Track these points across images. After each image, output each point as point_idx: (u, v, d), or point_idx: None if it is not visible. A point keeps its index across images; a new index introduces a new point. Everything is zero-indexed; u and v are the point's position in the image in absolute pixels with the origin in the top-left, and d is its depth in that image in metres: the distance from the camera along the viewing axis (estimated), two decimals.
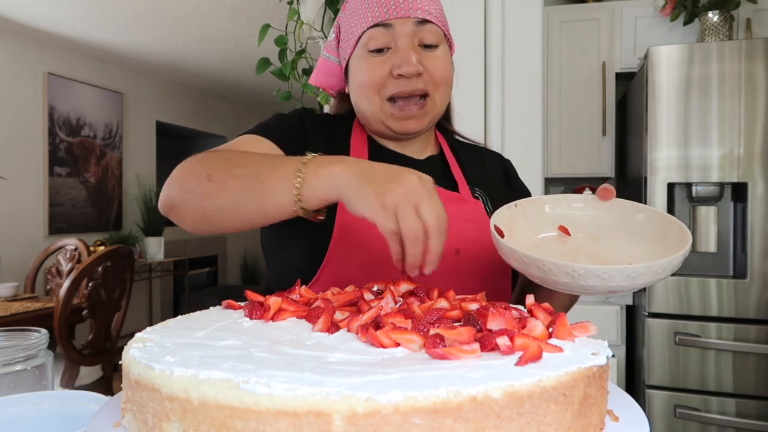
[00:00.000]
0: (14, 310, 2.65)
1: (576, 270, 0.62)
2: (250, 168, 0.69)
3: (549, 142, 2.72)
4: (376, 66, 0.85)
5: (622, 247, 0.75)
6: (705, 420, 2.13)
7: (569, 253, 0.76)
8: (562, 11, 2.71)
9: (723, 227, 2.24)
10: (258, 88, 6.08)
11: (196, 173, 0.72)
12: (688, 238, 0.68)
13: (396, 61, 0.83)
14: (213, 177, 0.70)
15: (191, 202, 0.72)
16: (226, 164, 0.71)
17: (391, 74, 0.84)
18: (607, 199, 0.79)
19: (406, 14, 0.83)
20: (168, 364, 0.41)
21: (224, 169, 0.70)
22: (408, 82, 0.83)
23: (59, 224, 4.68)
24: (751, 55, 2.09)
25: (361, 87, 0.87)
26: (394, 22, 0.83)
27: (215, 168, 0.71)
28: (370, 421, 0.35)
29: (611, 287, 0.63)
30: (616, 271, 0.62)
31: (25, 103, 4.42)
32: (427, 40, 0.85)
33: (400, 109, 0.85)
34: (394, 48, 0.84)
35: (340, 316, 0.57)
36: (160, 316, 5.79)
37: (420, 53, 0.84)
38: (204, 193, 0.70)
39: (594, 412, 0.44)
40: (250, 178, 0.68)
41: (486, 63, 2.19)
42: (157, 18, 4.06)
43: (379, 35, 0.84)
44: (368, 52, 0.85)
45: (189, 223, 0.75)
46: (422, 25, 0.84)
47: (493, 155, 1.06)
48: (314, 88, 2.24)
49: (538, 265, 0.64)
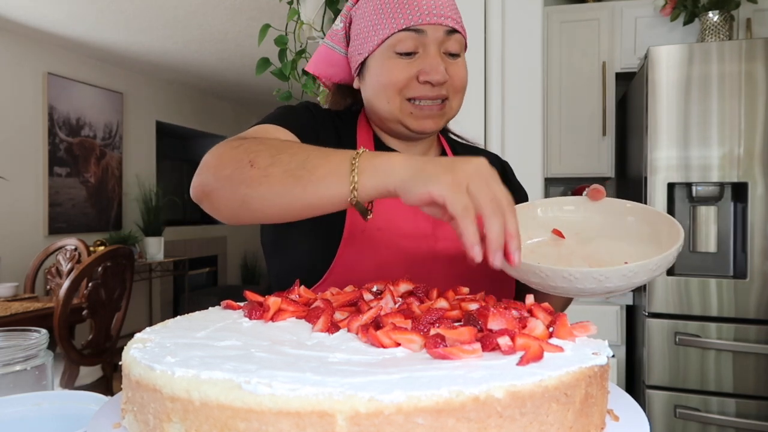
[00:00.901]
0: (14, 310, 2.65)
1: (572, 274, 0.62)
2: (297, 156, 0.66)
3: (549, 142, 2.72)
4: (402, 68, 0.85)
5: (617, 247, 0.75)
6: (705, 420, 2.13)
7: (564, 256, 0.76)
8: (562, 11, 2.71)
9: (723, 227, 2.24)
10: (258, 88, 6.08)
11: (235, 159, 0.69)
12: (680, 232, 0.68)
13: (424, 67, 0.83)
14: (255, 163, 0.67)
15: (229, 188, 0.68)
16: (270, 150, 0.68)
17: (417, 78, 0.84)
18: (597, 200, 0.79)
19: (438, 21, 0.84)
20: (169, 365, 0.41)
21: (268, 155, 0.67)
22: (432, 89, 0.84)
23: (59, 224, 4.68)
24: (751, 55, 2.09)
25: (381, 87, 0.86)
26: (426, 28, 0.84)
27: (258, 153, 0.68)
28: (373, 421, 0.35)
29: (609, 288, 0.64)
30: (612, 272, 0.62)
31: (25, 103, 4.42)
32: (452, 49, 0.86)
33: (420, 109, 0.86)
34: (422, 53, 0.84)
35: (340, 316, 0.57)
36: (160, 316, 5.79)
37: (446, 60, 0.85)
38: (245, 180, 0.67)
39: (595, 411, 0.44)
40: (297, 166, 0.65)
41: (486, 63, 2.19)
42: (157, 18, 4.06)
43: (409, 39, 0.84)
44: (395, 53, 0.85)
45: (224, 212, 0.72)
46: (450, 35, 0.85)
47: (491, 157, 1.06)
48: (314, 87, 2.24)
49: (534, 272, 0.64)
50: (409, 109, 0.86)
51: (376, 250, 0.82)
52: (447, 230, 0.85)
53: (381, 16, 0.86)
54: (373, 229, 0.82)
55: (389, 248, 0.82)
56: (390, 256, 0.82)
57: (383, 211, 0.83)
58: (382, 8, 0.86)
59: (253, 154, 0.68)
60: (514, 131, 2.18)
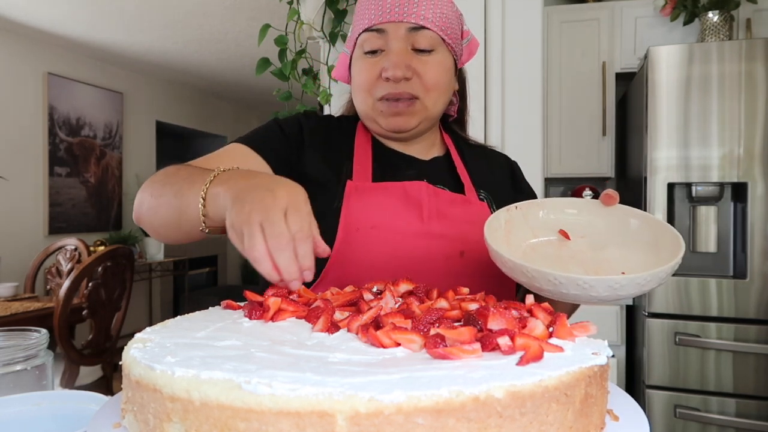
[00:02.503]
0: (14, 310, 2.65)
1: (557, 278, 0.62)
2: (177, 184, 0.72)
3: (549, 142, 2.72)
4: (368, 67, 0.87)
5: (618, 254, 0.74)
6: (705, 420, 2.13)
7: (564, 258, 0.76)
8: (562, 11, 2.72)
9: (723, 227, 2.24)
10: (258, 88, 6.09)
11: (148, 191, 0.77)
12: (681, 247, 0.67)
13: (385, 64, 0.84)
14: (153, 193, 0.75)
15: (145, 216, 0.78)
16: (164, 180, 0.75)
17: (381, 76, 0.85)
18: (610, 205, 0.78)
19: (399, 19, 0.84)
20: (169, 365, 0.41)
21: (160, 185, 0.75)
22: (395, 86, 0.85)
23: (59, 224, 4.68)
24: (751, 55, 2.09)
25: (356, 87, 0.90)
26: (386, 27, 0.85)
27: (156, 184, 0.76)
28: (373, 421, 0.35)
29: (593, 297, 0.63)
30: (597, 281, 0.61)
31: (25, 103, 4.42)
32: (420, 45, 0.85)
33: (388, 106, 0.87)
34: (386, 51, 0.86)
35: (340, 316, 0.57)
36: (160, 316, 5.79)
37: (412, 57, 0.85)
38: (147, 209, 0.76)
39: (595, 411, 0.44)
40: (173, 195, 0.72)
41: (486, 63, 2.19)
42: (157, 18, 4.06)
43: (372, 38, 0.86)
44: (363, 53, 0.88)
45: (152, 234, 0.80)
46: (416, 31, 0.85)
47: (500, 157, 1.06)
48: (314, 87, 2.24)
49: (522, 271, 0.65)
50: (379, 107, 0.87)
51: (371, 249, 0.82)
52: (441, 228, 0.86)
53: (357, 18, 0.89)
54: (368, 227, 0.82)
55: (384, 246, 0.82)
56: (385, 255, 0.82)
57: (378, 210, 0.84)
58: (358, 10, 0.89)
59: (154, 185, 0.76)
60: (514, 131, 2.18)
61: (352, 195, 0.84)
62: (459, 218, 0.87)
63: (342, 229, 0.82)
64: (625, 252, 0.74)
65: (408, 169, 0.91)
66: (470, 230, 0.86)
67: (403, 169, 0.91)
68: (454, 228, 0.85)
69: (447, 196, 0.88)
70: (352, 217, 0.82)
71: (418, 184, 0.86)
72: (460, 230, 0.86)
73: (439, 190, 0.88)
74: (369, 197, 0.84)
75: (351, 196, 0.84)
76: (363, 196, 0.84)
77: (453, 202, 0.88)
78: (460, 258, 0.84)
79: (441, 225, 0.86)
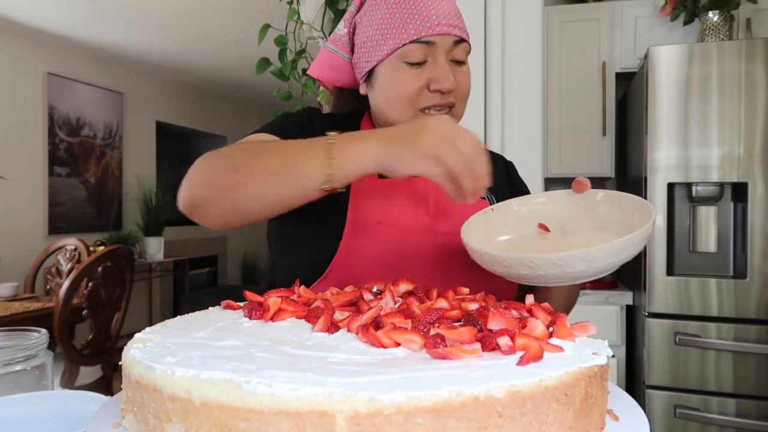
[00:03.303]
0: (14, 310, 2.65)
1: (533, 260, 0.63)
2: (276, 154, 0.71)
3: (549, 142, 2.72)
4: (412, 78, 0.85)
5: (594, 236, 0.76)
6: (705, 420, 2.13)
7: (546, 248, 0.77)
8: (562, 11, 2.71)
9: (723, 227, 2.24)
10: (258, 88, 6.08)
11: (219, 167, 0.73)
12: (651, 213, 0.68)
13: (434, 76, 0.84)
14: (239, 168, 0.71)
15: (217, 196, 0.72)
16: (251, 154, 0.72)
17: (427, 87, 0.85)
18: (581, 192, 0.80)
19: (447, 32, 0.85)
20: (169, 365, 0.41)
21: (250, 158, 0.71)
22: (442, 97, 0.85)
23: (59, 224, 4.68)
24: (751, 55, 2.09)
25: (394, 97, 0.87)
26: (436, 39, 0.84)
27: (239, 159, 0.72)
28: (373, 421, 0.35)
29: (572, 274, 0.64)
30: (570, 257, 0.62)
31: (25, 103, 4.42)
32: (459, 57, 0.87)
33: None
34: (431, 62, 0.85)
35: (340, 316, 0.57)
36: (160, 316, 5.79)
37: (453, 69, 0.86)
38: (231, 185, 0.71)
39: (595, 411, 0.44)
40: (278, 163, 0.70)
41: (486, 63, 2.19)
42: (157, 18, 4.06)
43: (419, 50, 0.85)
44: (405, 63, 0.85)
45: (215, 219, 0.75)
46: (458, 44, 0.86)
47: (495, 157, 1.06)
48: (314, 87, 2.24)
49: (499, 262, 0.66)
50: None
51: (377, 244, 0.82)
52: (447, 223, 0.86)
53: (390, 26, 0.86)
54: (374, 223, 0.83)
55: (390, 242, 0.83)
56: (391, 250, 0.83)
57: (384, 205, 0.84)
58: (391, 18, 0.86)
59: (235, 159, 0.72)
60: (514, 131, 2.18)
61: (358, 191, 0.84)
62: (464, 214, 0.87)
63: (349, 225, 0.83)
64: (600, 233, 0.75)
65: None
66: None
67: None
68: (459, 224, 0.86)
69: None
70: (358, 213, 0.83)
71: (424, 180, 0.86)
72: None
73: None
74: (376, 193, 0.85)
75: (358, 191, 0.84)
76: (369, 192, 0.85)
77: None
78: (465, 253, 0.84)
79: (446, 221, 0.87)
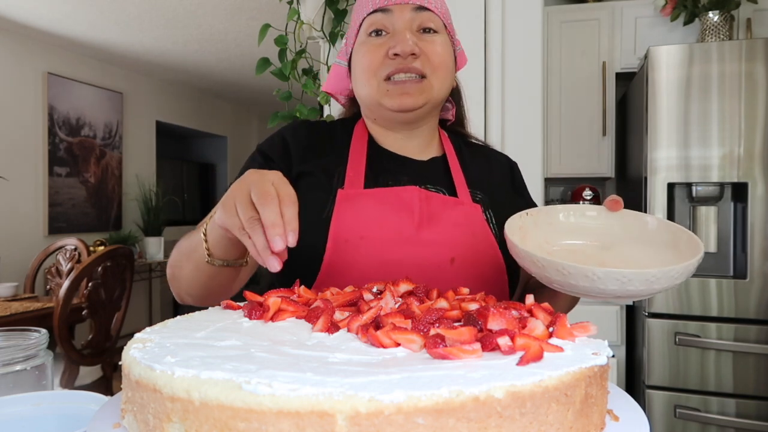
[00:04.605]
0: (14, 310, 2.65)
1: (595, 273, 0.63)
2: (185, 242, 0.81)
3: (549, 142, 2.72)
4: (374, 48, 0.87)
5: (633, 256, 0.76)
6: (705, 420, 2.13)
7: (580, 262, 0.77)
8: (562, 11, 2.71)
9: (723, 227, 2.24)
10: (258, 88, 6.08)
11: (172, 263, 0.85)
12: (699, 246, 0.69)
13: (392, 42, 0.85)
14: (175, 265, 0.83)
15: (182, 286, 0.84)
16: (182, 249, 0.82)
17: (388, 55, 0.85)
18: (615, 210, 0.79)
19: (404, 0, 0.86)
20: (169, 365, 0.41)
21: (179, 256, 0.82)
22: (404, 61, 0.85)
23: (59, 224, 4.68)
24: (751, 55, 2.09)
25: (361, 71, 0.89)
26: (392, 8, 0.86)
27: (176, 257, 0.84)
28: (373, 421, 0.35)
29: (630, 291, 0.64)
30: (634, 275, 0.62)
31: (25, 103, 4.42)
32: (426, 24, 0.87)
33: (395, 85, 0.86)
34: (392, 31, 0.86)
35: (340, 316, 0.57)
36: (160, 316, 5.79)
37: (418, 36, 0.86)
38: (178, 278, 0.83)
39: (595, 411, 0.44)
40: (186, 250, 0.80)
41: (486, 63, 2.19)
42: (157, 18, 4.06)
43: (377, 20, 0.87)
44: (367, 36, 0.88)
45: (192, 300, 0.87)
46: (420, 11, 0.86)
47: (500, 157, 1.04)
48: (314, 87, 2.24)
49: (557, 269, 0.65)
50: (385, 87, 0.87)
51: (360, 259, 0.80)
52: (432, 234, 0.84)
53: (358, 8, 0.91)
54: (357, 237, 0.81)
55: (373, 256, 0.81)
56: (375, 265, 0.80)
57: (368, 218, 0.82)
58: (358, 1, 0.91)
59: (175, 256, 0.84)
60: (514, 131, 2.18)
61: (342, 204, 0.82)
62: (450, 222, 0.86)
63: (331, 240, 0.81)
64: (648, 250, 0.75)
65: (403, 172, 0.90)
66: (460, 234, 0.84)
67: (399, 171, 0.90)
68: (445, 233, 0.84)
69: (439, 200, 0.87)
70: (341, 227, 0.81)
71: (410, 189, 0.85)
72: (451, 235, 0.85)
73: (431, 193, 0.87)
74: (359, 206, 0.83)
75: (341, 205, 0.82)
76: (353, 205, 0.83)
77: (445, 205, 0.87)
78: (451, 265, 0.83)
79: (432, 231, 0.84)
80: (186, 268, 0.79)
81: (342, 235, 0.81)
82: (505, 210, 0.95)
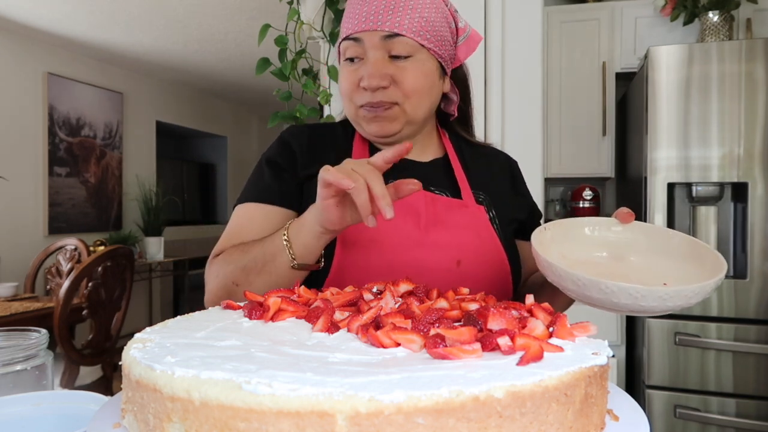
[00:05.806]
0: (14, 310, 2.65)
1: (609, 287, 0.64)
2: (257, 256, 0.79)
3: (549, 142, 2.72)
4: (348, 74, 0.88)
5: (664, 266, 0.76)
6: (705, 420, 2.13)
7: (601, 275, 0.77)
8: (562, 11, 2.71)
9: (723, 227, 2.24)
10: (258, 88, 6.08)
11: (225, 286, 0.82)
12: (723, 266, 0.69)
13: (362, 73, 0.85)
14: (238, 281, 0.81)
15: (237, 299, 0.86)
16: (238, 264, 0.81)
17: (359, 85, 0.85)
18: (627, 222, 0.80)
19: (372, 27, 0.84)
20: (169, 365, 0.41)
21: (240, 271, 0.80)
22: (373, 95, 0.85)
23: (59, 224, 4.68)
24: (751, 55, 2.09)
25: (341, 94, 0.90)
26: (362, 36, 0.85)
27: (234, 274, 0.81)
28: (373, 421, 0.35)
29: (643, 307, 0.65)
30: (648, 291, 0.63)
31: (25, 103, 4.42)
32: (396, 51, 0.84)
33: (367, 112, 0.87)
34: (365, 58, 0.86)
35: (340, 316, 0.57)
36: (160, 316, 5.79)
37: (389, 65, 0.85)
38: (237, 293, 0.81)
39: (595, 411, 0.44)
40: (261, 263, 0.78)
41: (486, 63, 2.19)
42: (157, 18, 4.06)
43: (351, 46, 0.86)
44: (344, 61, 0.88)
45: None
46: (391, 39, 0.84)
47: (500, 156, 1.04)
48: (314, 87, 2.24)
49: (573, 280, 0.66)
50: (361, 113, 0.88)
51: (368, 263, 0.81)
52: (438, 237, 0.85)
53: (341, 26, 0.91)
54: (365, 241, 0.82)
55: (381, 260, 0.82)
56: (382, 268, 0.81)
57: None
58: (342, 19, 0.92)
59: (231, 276, 0.81)
60: (514, 131, 2.18)
61: None
62: (456, 224, 0.86)
63: (339, 244, 0.82)
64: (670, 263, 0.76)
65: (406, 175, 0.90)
66: (466, 237, 0.85)
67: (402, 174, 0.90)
68: (451, 236, 0.85)
69: (444, 202, 0.87)
70: (349, 231, 0.81)
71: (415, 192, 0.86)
72: (457, 238, 0.85)
73: (436, 196, 0.88)
74: None
75: None
76: None
77: (450, 207, 0.87)
78: (458, 267, 0.84)
79: (438, 234, 0.85)
80: (257, 281, 0.78)
81: (350, 238, 0.82)
82: (507, 210, 0.95)
